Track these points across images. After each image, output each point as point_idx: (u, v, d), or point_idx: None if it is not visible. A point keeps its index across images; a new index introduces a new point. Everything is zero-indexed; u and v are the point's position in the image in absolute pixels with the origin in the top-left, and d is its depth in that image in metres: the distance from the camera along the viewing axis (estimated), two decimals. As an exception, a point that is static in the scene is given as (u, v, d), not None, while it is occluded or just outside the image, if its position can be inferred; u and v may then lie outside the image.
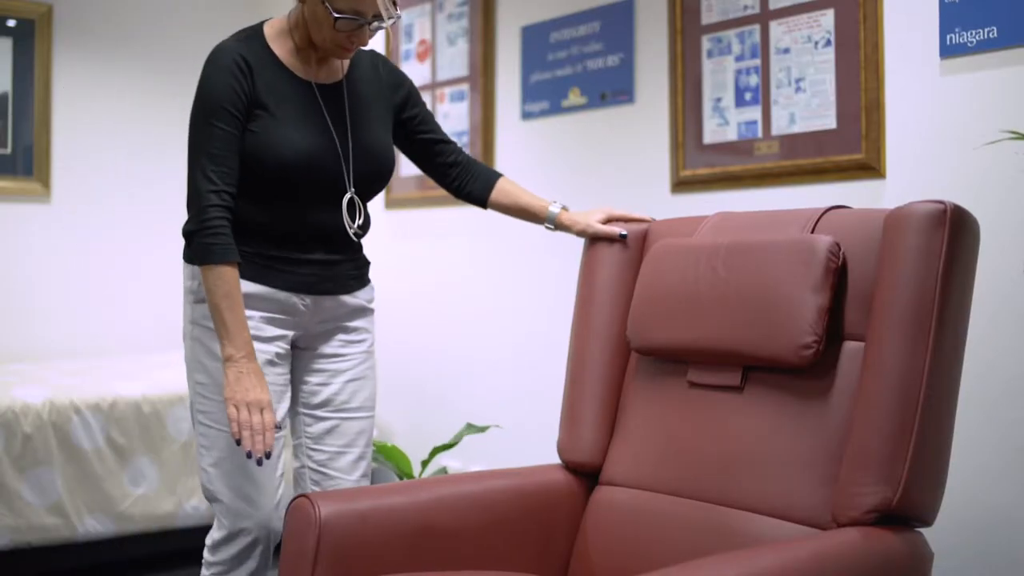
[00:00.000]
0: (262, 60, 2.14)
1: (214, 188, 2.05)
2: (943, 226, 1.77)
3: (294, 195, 2.15)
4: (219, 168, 2.06)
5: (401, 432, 4.28)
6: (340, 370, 2.30)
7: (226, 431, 2.12)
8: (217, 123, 2.06)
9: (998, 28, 2.42)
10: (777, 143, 2.92)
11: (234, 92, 2.08)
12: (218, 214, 2.04)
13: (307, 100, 2.18)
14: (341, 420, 2.30)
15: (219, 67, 2.09)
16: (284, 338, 2.23)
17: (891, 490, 1.71)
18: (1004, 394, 2.41)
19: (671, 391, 2.11)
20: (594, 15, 3.49)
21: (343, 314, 2.30)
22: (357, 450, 2.33)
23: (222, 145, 2.07)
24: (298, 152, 2.12)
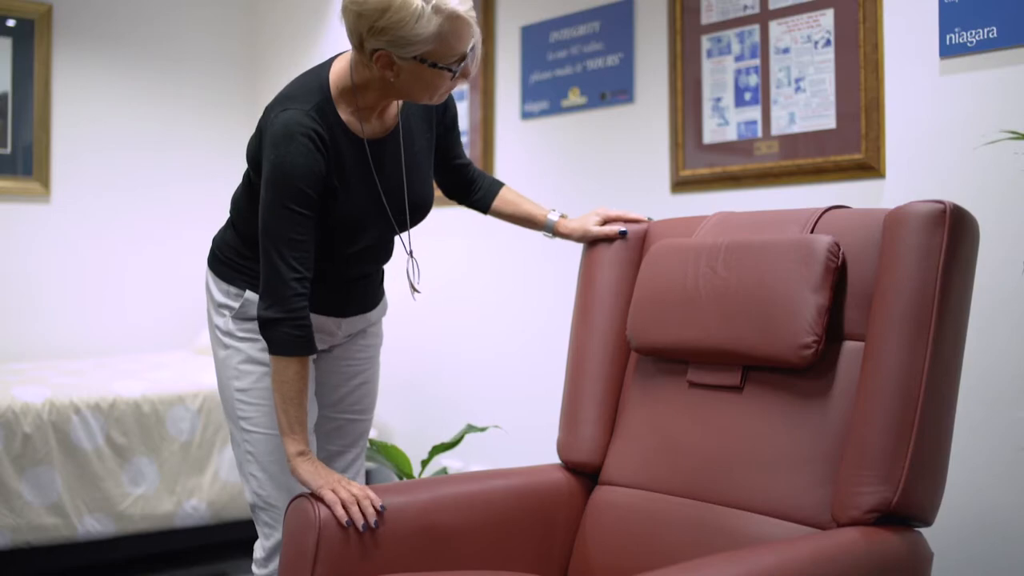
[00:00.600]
0: (334, 133, 2.02)
1: (297, 276, 1.96)
2: (943, 226, 1.77)
3: (349, 250, 2.13)
4: (300, 254, 1.97)
5: (401, 432, 4.28)
6: (354, 373, 2.33)
7: (272, 434, 2.12)
8: (296, 207, 1.95)
9: (998, 28, 2.42)
10: (777, 143, 2.92)
11: (314, 175, 1.96)
12: (302, 304, 1.98)
13: (358, 160, 2.07)
14: (346, 421, 2.33)
15: (298, 148, 1.95)
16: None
17: (891, 490, 1.71)
18: (1004, 393, 2.41)
19: (671, 391, 2.11)
20: (594, 15, 3.49)
21: (362, 325, 2.33)
22: (356, 451, 2.37)
23: (302, 229, 1.97)
24: (353, 219, 2.08)
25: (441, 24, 1.86)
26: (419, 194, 2.18)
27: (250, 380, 2.16)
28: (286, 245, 1.96)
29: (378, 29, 1.86)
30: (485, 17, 3.89)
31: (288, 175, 1.95)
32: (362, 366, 2.35)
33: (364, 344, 2.36)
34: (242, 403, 2.16)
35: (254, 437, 2.15)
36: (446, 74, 1.94)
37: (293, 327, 1.97)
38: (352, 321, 2.28)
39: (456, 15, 1.87)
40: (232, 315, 2.18)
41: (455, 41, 1.90)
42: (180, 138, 5.05)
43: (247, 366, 2.16)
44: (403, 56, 1.89)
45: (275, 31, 5.17)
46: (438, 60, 1.91)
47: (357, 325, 2.31)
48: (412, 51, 1.88)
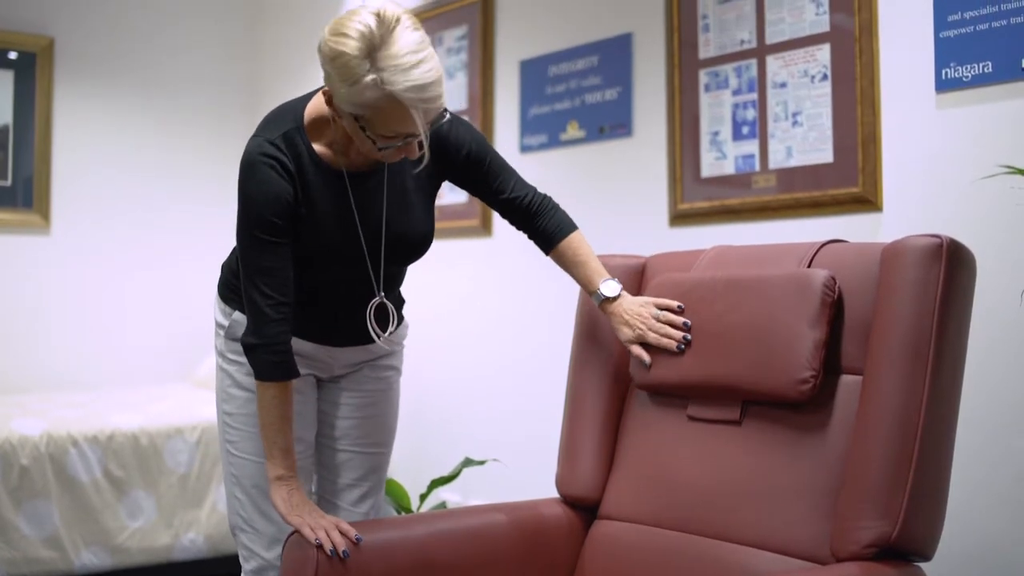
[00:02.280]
0: (301, 162, 1.99)
1: (271, 302, 1.96)
2: (940, 260, 1.77)
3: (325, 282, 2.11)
4: (272, 280, 1.97)
5: (400, 465, 4.27)
6: (361, 405, 2.29)
7: (255, 459, 2.13)
8: (264, 235, 1.95)
9: (993, 63, 2.44)
10: (774, 176, 2.93)
11: (278, 200, 1.95)
12: (279, 329, 1.97)
13: (336, 193, 2.04)
14: (355, 454, 2.29)
15: (261, 177, 1.95)
16: (306, 379, 2.21)
17: (890, 524, 1.70)
18: (1003, 425, 2.40)
19: (670, 425, 2.11)
20: (592, 49, 3.51)
21: (371, 358, 2.28)
22: (368, 484, 2.30)
23: (273, 257, 1.97)
24: (324, 250, 2.05)
25: (379, 99, 1.81)
26: (404, 230, 2.12)
27: (235, 404, 2.17)
28: (257, 273, 1.97)
29: (327, 72, 1.87)
30: (484, 51, 3.91)
31: (253, 204, 1.96)
32: (370, 398, 2.29)
33: (374, 376, 2.30)
34: (228, 426, 2.18)
35: (237, 461, 2.16)
36: (374, 144, 1.90)
37: (269, 352, 1.98)
38: (348, 353, 2.24)
39: (395, 99, 1.80)
40: (224, 334, 2.20)
41: (392, 120, 1.84)
42: (181, 171, 5.07)
43: (234, 390, 2.17)
44: (338, 105, 1.88)
45: (275, 61, 5.20)
46: (367, 127, 1.87)
47: (356, 356, 2.26)
48: (346, 107, 1.86)
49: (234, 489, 2.17)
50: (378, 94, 1.80)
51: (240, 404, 2.16)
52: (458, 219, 4.00)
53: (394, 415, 2.37)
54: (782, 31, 2.92)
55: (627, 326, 2.12)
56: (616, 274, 2.30)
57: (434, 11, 4.17)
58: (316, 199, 2.02)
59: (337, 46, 1.81)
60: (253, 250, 1.97)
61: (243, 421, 2.16)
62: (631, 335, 2.12)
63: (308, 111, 2.03)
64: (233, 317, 2.17)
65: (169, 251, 4.98)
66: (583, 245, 2.23)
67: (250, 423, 2.13)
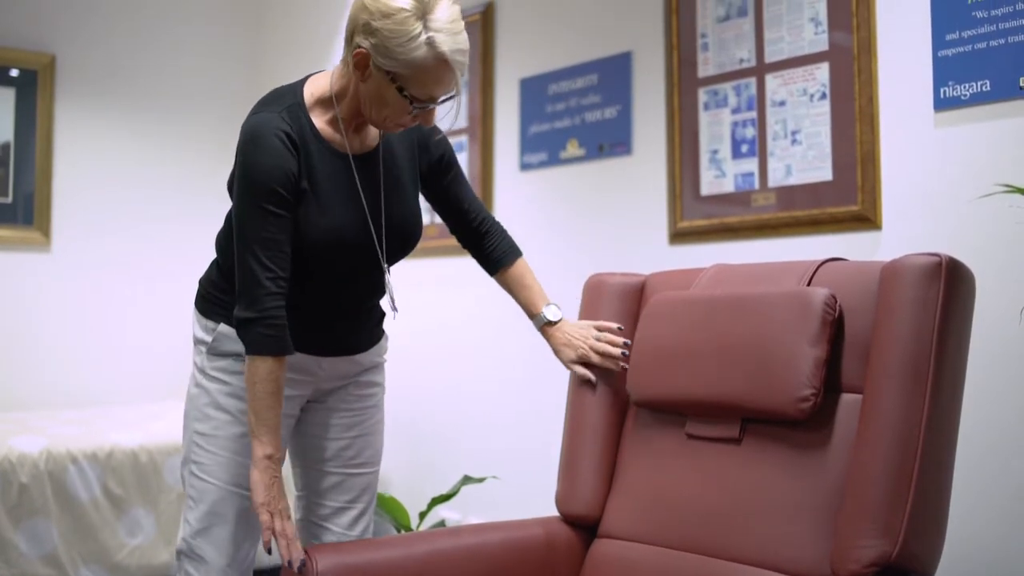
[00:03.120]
0: (304, 136, 2.00)
1: (270, 275, 1.93)
2: (939, 278, 1.78)
3: (328, 275, 2.07)
4: (272, 253, 1.94)
5: (399, 483, 4.26)
6: (349, 425, 2.24)
7: (220, 485, 2.07)
8: (269, 206, 1.93)
9: (991, 81, 2.45)
10: (774, 194, 2.94)
11: (285, 173, 1.94)
12: (276, 303, 1.94)
13: (343, 175, 2.05)
14: (346, 476, 2.24)
15: (267, 146, 1.94)
16: (293, 399, 2.16)
17: (890, 543, 1.70)
18: (1003, 443, 2.40)
19: (669, 443, 2.11)
20: (592, 68, 3.52)
21: (356, 371, 2.24)
22: (360, 506, 2.27)
23: (275, 229, 1.94)
24: (335, 237, 2.02)
25: (426, 57, 1.87)
26: (402, 219, 2.14)
27: (211, 425, 2.10)
28: (259, 244, 1.93)
29: (372, 29, 1.87)
30: (484, 69, 3.93)
31: (259, 173, 1.94)
32: (358, 417, 2.26)
33: (359, 394, 2.26)
34: (198, 447, 2.10)
35: (201, 485, 2.08)
36: (406, 106, 1.93)
37: (266, 327, 1.93)
38: (335, 363, 2.18)
39: (444, 59, 1.89)
40: (207, 350, 2.13)
41: (431, 81, 1.91)
42: (182, 188, 5.08)
43: (211, 410, 2.10)
44: (379, 65, 1.89)
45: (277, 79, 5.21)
46: (406, 87, 1.91)
47: (343, 367, 2.21)
48: (389, 64, 1.88)
49: (189, 513, 2.09)
50: (428, 53, 1.87)
51: (216, 425, 2.09)
52: (458, 236, 4.00)
53: (382, 432, 2.34)
54: (781, 50, 2.93)
55: (569, 347, 2.26)
56: (615, 292, 2.31)
57: (434, 29, 4.18)
58: (320, 176, 2.01)
59: (393, 2, 1.86)
60: (255, 221, 1.94)
61: (217, 444, 2.09)
62: (573, 355, 2.26)
63: (307, 91, 2.05)
64: (218, 330, 2.11)
65: (170, 268, 4.98)
66: (529, 271, 2.37)
67: (224, 447, 2.08)
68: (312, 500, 2.25)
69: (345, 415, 2.24)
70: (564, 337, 2.27)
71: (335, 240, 2.02)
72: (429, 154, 2.23)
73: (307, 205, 1.99)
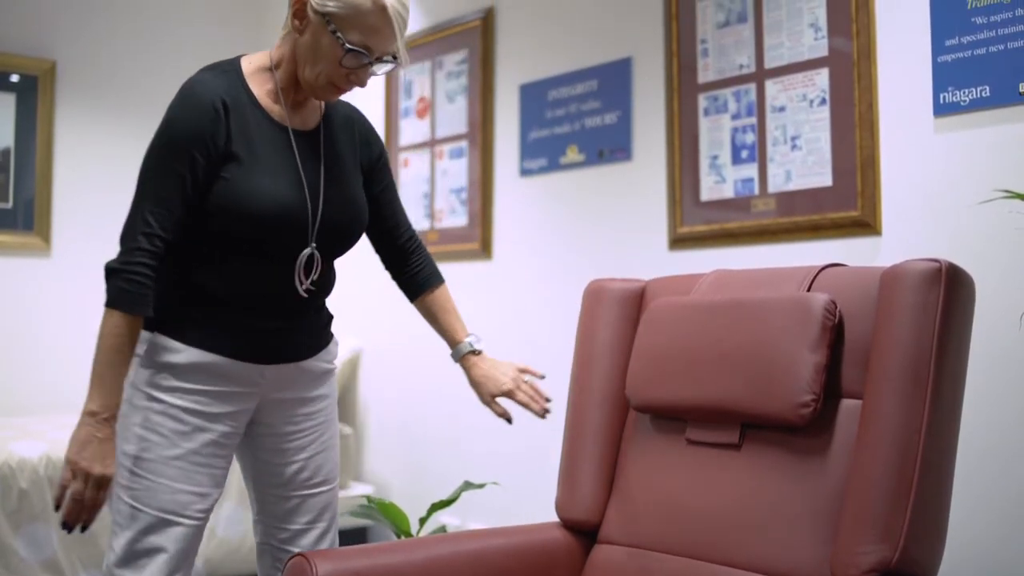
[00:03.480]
0: (240, 100, 1.95)
1: (148, 231, 1.86)
2: (939, 284, 1.78)
3: (257, 250, 1.96)
4: (161, 211, 1.87)
5: (399, 489, 4.26)
6: (302, 447, 2.13)
7: (150, 512, 1.92)
8: (177, 165, 1.87)
9: (990, 87, 2.45)
10: (774, 200, 2.94)
11: (205, 136, 1.89)
12: (144, 259, 1.85)
13: (282, 147, 1.99)
14: (305, 497, 2.15)
15: (195, 105, 1.91)
16: (236, 415, 2.03)
17: (890, 549, 1.70)
18: (1003, 449, 2.40)
19: (669, 449, 2.11)
20: (592, 73, 3.53)
21: (305, 382, 2.12)
22: (322, 525, 2.18)
23: (173, 189, 1.88)
24: (270, 203, 1.93)
25: (364, 2, 1.88)
26: (344, 201, 2.07)
27: (141, 447, 1.94)
28: (152, 199, 1.88)
29: None
30: (484, 75, 3.93)
31: (177, 131, 1.90)
32: (310, 436, 2.14)
33: (308, 412, 2.13)
34: (129, 471, 1.94)
35: (129, 511, 1.93)
36: (339, 52, 1.90)
37: (126, 281, 1.85)
38: (280, 371, 2.06)
39: (383, 9, 1.89)
40: (139, 362, 1.96)
41: (367, 27, 1.90)
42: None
43: (141, 431, 1.94)
44: (316, 7, 1.89)
45: (276, 88, 5.22)
46: (341, 29, 1.89)
47: (289, 376, 2.08)
48: (327, 6, 1.88)
49: (115, 540, 1.94)
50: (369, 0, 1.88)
51: (146, 447, 1.93)
52: (458, 242, 4.00)
53: (337, 446, 2.22)
54: (781, 56, 2.94)
55: (491, 381, 2.28)
56: (615, 297, 2.31)
57: (434, 35, 4.20)
58: (256, 142, 1.95)
59: None
60: (154, 174, 1.89)
61: (151, 469, 1.93)
62: (495, 390, 2.27)
63: (244, 62, 2.02)
64: (154, 340, 1.96)
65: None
66: (451, 298, 2.35)
67: (155, 471, 1.92)
68: (271, 524, 2.16)
69: (297, 437, 2.13)
70: (486, 371, 2.28)
71: (270, 207, 1.93)
72: (370, 150, 2.19)
73: (239, 169, 1.92)
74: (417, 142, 4.27)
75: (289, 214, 1.96)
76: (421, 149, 4.24)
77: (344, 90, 2.00)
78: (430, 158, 4.18)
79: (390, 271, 2.37)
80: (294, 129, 2.03)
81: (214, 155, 1.91)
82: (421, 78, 4.27)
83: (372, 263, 2.40)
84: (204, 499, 1.98)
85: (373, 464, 4.43)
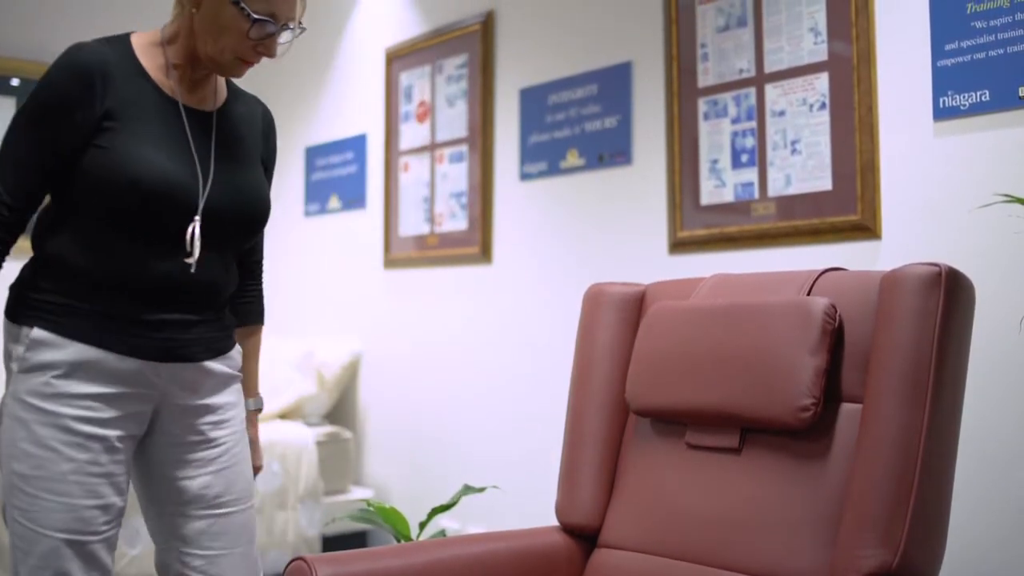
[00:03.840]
0: (125, 69, 1.83)
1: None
2: (939, 288, 1.78)
3: (141, 226, 1.81)
4: (16, 175, 1.78)
5: (399, 493, 4.26)
6: (209, 458, 1.94)
7: (50, 534, 1.77)
8: (43, 130, 1.77)
9: (990, 91, 2.45)
10: (773, 204, 2.94)
11: (74, 103, 1.77)
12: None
13: (171, 120, 1.86)
14: (218, 517, 1.94)
15: (72, 69, 1.78)
16: (133, 418, 1.86)
17: (890, 553, 1.70)
18: (1002, 453, 2.40)
19: (669, 453, 2.11)
20: (592, 78, 3.53)
21: (210, 387, 1.95)
22: (241, 548, 1.97)
23: (30, 155, 1.78)
24: (152, 171, 1.79)
25: None
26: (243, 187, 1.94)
27: (30, 464, 1.78)
28: (8, 163, 1.79)
29: None
30: (484, 79, 3.93)
31: (47, 91, 1.79)
32: (218, 447, 1.96)
33: (215, 421, 1.96)
34: (18, 490, 1.78)
35: (28, 534, 1.78)
36: (244, 24, 1.79)
37: None
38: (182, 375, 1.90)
39: None
40: (18, 367, 1.81)
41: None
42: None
43: (28, 446, 1.78)
44: None
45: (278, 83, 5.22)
46: (245, 0, 1.78)
47: (190, 378, 1.92)
48: None
49: (20, 565, 1.78)
50: None
51: (37, 464, 1.77)
52: (458, 247, 4.01)
53: (249, 461, 2.05)
54: (781, 60, 2.94)
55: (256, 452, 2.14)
56: (615, 301, 2.31)
57: (434, 39, 4.20)
58: (140, 114, 1.83)
59: None
60: (16, 135, 1.80)
61: (40, 486, 1.77)
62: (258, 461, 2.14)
63: (133, 38, 1.91)
64: (32, 336, 1.80)
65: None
66: (260, 344, 2.17)
67: (49, 489, 1.77)
68: (179, 549, 1.94)
69: (202, 448, 1.95)
70: (253, 436, 2.14)
71: (152, 176, 1.79)
72: (268, 145, 2.08)
73: (118, 137, 1.79)
74: (417, 146, 4.27)
75: (172, 184, 1.82)
76: (421, 153, 4.25)
77: (252, 63, 1.88)
78: (430, 162, 4.18)
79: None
80: (187, 106, 1.90)
81: (85, 123, 1.78)
82: (421, 82, 4.27)
83: (372, 266, 2.40)
84: (108, 511, 1.84)
85: (373, 468, 4.43)
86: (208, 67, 1.89)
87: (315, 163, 4.91)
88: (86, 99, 1.78)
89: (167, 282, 1.85)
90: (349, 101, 4.73)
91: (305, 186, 4.98)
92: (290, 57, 2.15)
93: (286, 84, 5.12)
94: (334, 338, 4.54)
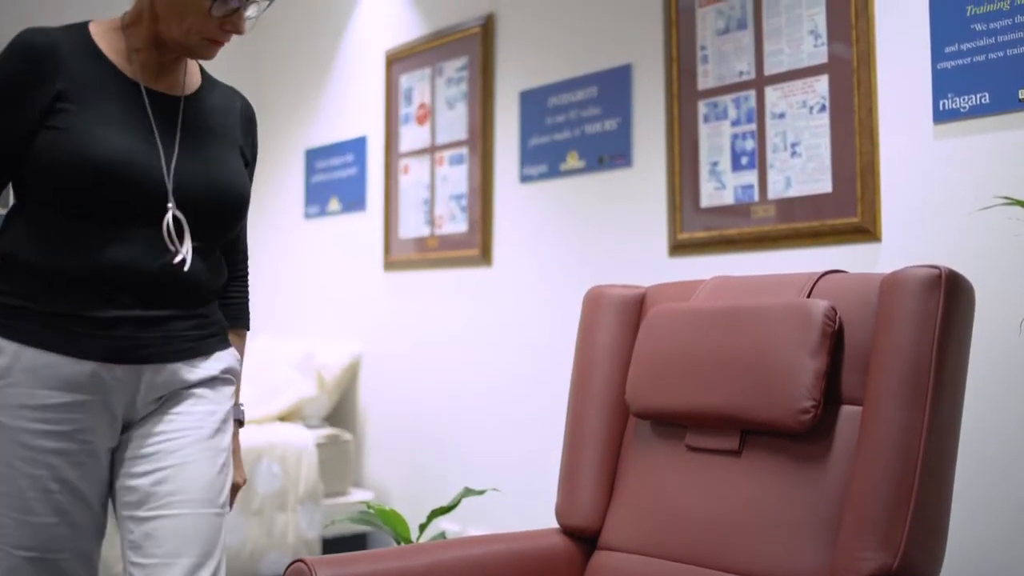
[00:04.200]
0: (80, 51, 1.74)
1: None
2: (939, 291, 1.78)
3: (99, 210, 1.69)
4: None
5: (399, 495, 4.26)
6: (168, 451, 1.73)
7: (12, 552, 1.65)
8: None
9: (990, 94, 2.45)
10: (773, 206, 2.94)
11: (26, 84, 1.69)
12: None
13: (131, 102, 1.76)
14: (164, 517, 1.72)
15: (19, 49, 1.70)
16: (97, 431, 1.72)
17: (890, 555, 1.70)
18: (1002, 456, 2.40)
19: (669, 455, 2.11)
20: (592, 80, 3.53)
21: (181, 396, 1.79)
22: (188, 560, 1.70)
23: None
24: (108, 147, 1.68)
25: None
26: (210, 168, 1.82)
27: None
28: None
29: None
30: (484, 81, 3.93)
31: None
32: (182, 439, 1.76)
33: (179, 412, 1.78)
34: None
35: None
36: (203, 3, 1.71)
37: None
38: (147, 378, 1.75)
39: None
40: None
41: None
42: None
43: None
44: None
45: (278, 84, 5.23)
46: None
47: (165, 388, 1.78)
48: None
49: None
50: None
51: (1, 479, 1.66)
52: (458, 249, 4.01)
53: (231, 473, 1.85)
54: (781, 62, 2.94)
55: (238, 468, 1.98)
56: (615, 304, 2.31)
57: (434, 42, 4.20)
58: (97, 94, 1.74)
59: None
60: None
61: (6, 504, 1.66)
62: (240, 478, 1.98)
63: (92, 25, 1.82)
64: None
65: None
66: (244, 351, 2.02)
67: (8, 505, 1.66)
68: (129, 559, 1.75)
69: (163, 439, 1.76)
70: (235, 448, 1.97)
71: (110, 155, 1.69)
72: (248, 138, 1.99)
73: (75, 119, 1.70)
74: (417, 148, 4.28)
75: (130, 161, 1.70)
76: (421, 155, 4.25)
77: (221, 42, 1.79)
78: (430, 164, 4.18)
79: None
80: (154, 90, 1.80)
81: (36, 105, 1.69)
82: (421, 84, 4.27)
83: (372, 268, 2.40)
84: (77, 528, 1.71)
85: (373, 470, 4.43)
86: (177, 51, 1.80)
87: (315, 165, 4.91)
88: (35, 80, 1.69)
89: (131, 274, 1.71)
90: (349, 103, 4.73)
91: (305, 188, 4.98)
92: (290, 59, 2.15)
93: (286, 86, 5.12)
94: (334, 340, 4.55)
